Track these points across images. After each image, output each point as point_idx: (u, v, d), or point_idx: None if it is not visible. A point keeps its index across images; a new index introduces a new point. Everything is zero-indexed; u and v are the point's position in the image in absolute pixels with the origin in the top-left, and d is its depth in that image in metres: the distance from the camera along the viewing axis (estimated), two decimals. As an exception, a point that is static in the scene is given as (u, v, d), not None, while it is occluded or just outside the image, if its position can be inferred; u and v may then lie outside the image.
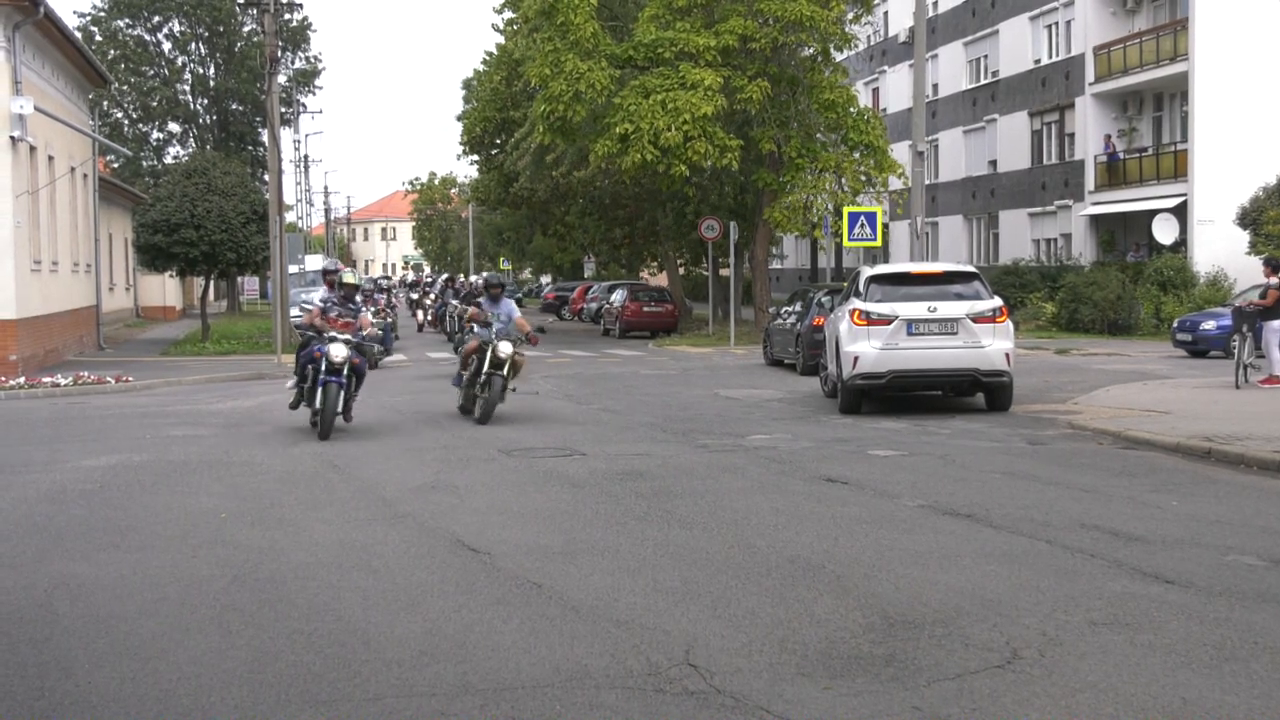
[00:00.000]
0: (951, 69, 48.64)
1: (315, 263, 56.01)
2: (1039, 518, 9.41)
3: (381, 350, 26.59)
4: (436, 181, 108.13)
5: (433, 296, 45.60)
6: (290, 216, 62.23)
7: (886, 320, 16.42)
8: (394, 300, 39.06)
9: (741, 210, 39.50)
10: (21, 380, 22.94)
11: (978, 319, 16.44)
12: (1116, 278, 34.79)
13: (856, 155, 34.68)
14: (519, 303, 20.46)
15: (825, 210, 34.44)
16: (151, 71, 65.09)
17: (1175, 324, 28.32)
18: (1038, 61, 43.20)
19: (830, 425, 15.75)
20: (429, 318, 45.16)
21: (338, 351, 14.68)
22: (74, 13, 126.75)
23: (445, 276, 45.20)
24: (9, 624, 6.85)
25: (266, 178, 38.28)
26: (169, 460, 13.30)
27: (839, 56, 37.33)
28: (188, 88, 66.02)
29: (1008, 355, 16.56)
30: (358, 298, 16.13)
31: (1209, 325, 26.43)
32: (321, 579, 7.76)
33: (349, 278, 15.84)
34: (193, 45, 65.32)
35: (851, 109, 35.33)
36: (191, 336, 36.92)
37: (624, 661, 5.97)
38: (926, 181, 31.64)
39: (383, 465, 12.75)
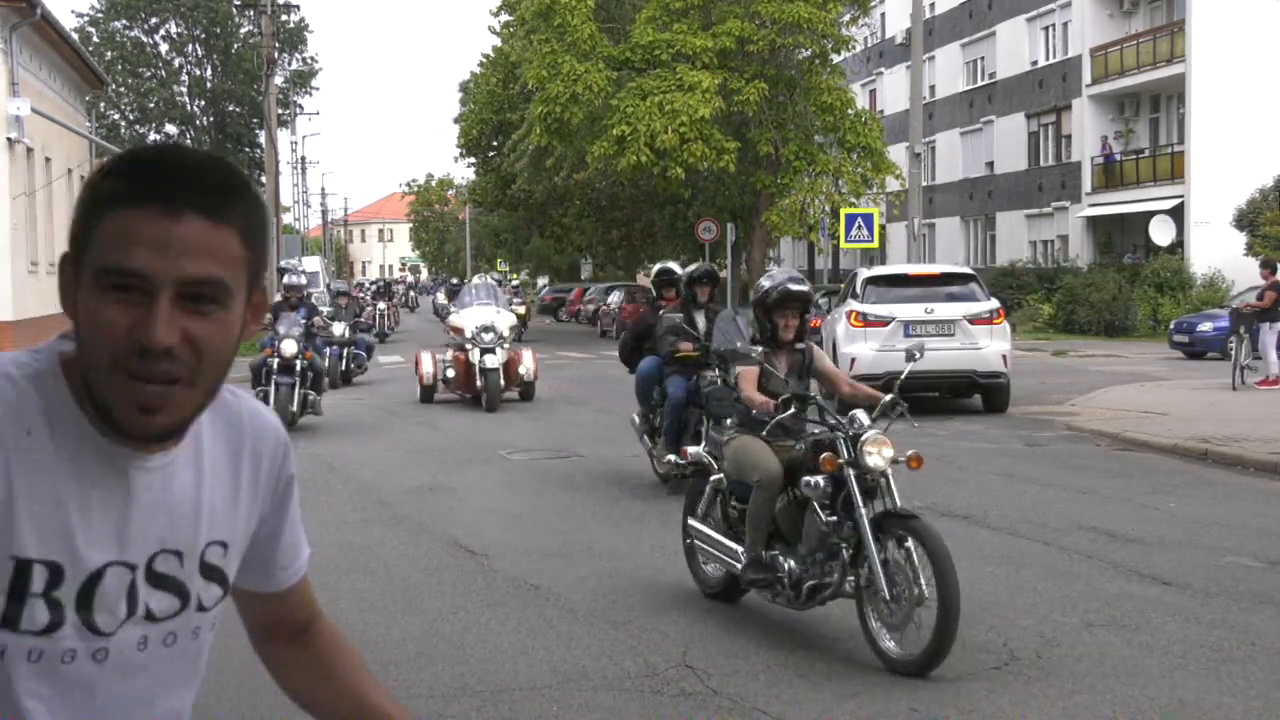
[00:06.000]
0: (949, 70, 48.65)
1: (312, 264, 56.03)
2: (1036, 519, 9.41)
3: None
4: (433, 183, 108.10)
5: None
6: (287, 218, 62.20)
7: (883, 322, 16.42)
8: (395, 299, 25.96)
9: (739, 212, 39.48)
10: (18, 382, 22.88)
11: (975, 320, 16.44)
12: (1114, 279, 34.78)
13: (854, 157, 34.66)
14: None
15: (822, 213, 34.41)
16: (149, 73, 65.02)
17: (1172, 325, 28.30)
18: (1035, 63, 43.22)
19: (827, 427, 15.72)
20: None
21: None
22: (72, 12, 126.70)
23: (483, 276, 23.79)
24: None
25: (263, 179, 38.24)
26: (166, 462, 13.25)
27: (836, 58, 37.34)
28: (185, 89, 65.94)
29: (1005, 357, 16.56)
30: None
31: (1206, 327, 26.39)
32: (319, 580, 7.68)
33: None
34: (190, 47, 65.26)
35: (849, 111, 35.32)
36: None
37: (621, 663, 5.96)
38: (924, 183, 31.64)
39: (380, 467, 12.74)
